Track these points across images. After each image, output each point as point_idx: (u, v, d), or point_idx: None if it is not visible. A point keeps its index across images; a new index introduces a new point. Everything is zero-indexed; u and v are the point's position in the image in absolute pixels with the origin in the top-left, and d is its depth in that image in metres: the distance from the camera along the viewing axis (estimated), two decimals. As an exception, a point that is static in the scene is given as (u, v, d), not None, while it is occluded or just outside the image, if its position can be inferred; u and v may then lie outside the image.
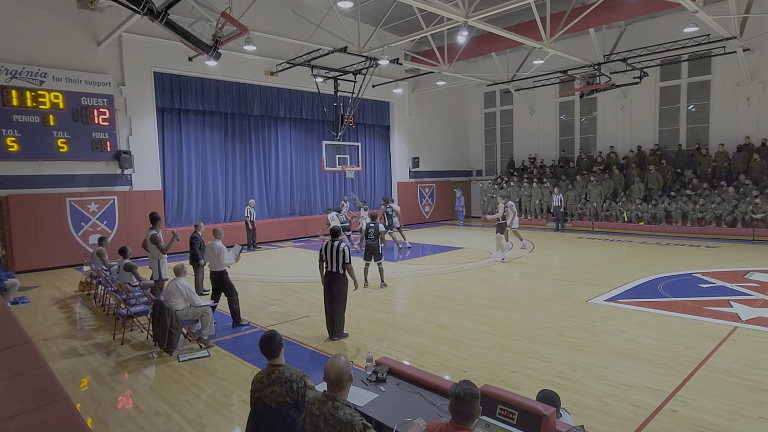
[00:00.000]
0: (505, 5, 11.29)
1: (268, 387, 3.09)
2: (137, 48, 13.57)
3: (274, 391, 3.06)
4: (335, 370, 2.69)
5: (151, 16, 8.27)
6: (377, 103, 20.17)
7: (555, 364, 5.42)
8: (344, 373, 2.70)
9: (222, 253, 7.22)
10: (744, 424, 4.02)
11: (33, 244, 12.14)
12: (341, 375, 2.69)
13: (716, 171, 16.36)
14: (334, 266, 6.41)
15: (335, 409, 2.63)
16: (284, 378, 3.07)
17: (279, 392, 3.04)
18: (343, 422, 2.57)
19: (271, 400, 3.06)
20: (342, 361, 2.73)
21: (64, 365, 5.85)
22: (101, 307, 8.54)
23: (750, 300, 7.80)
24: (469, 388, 2.40)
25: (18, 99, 11.65)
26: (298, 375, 3.11)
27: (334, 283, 6.45)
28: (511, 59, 20.29)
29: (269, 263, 13.05)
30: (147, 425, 4.31)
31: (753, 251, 12.43)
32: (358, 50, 14.69)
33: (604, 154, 19.48)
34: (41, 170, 12.26)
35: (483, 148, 24.46)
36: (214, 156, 16.08)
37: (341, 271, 6.43)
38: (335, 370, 2.69)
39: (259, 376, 3.19)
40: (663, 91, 18.18)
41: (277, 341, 3.18)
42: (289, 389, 3.03)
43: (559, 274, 10.51)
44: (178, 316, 6.12)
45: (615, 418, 4.17)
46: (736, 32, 14.02)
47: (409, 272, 11.31)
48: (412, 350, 6.04)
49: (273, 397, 3.06)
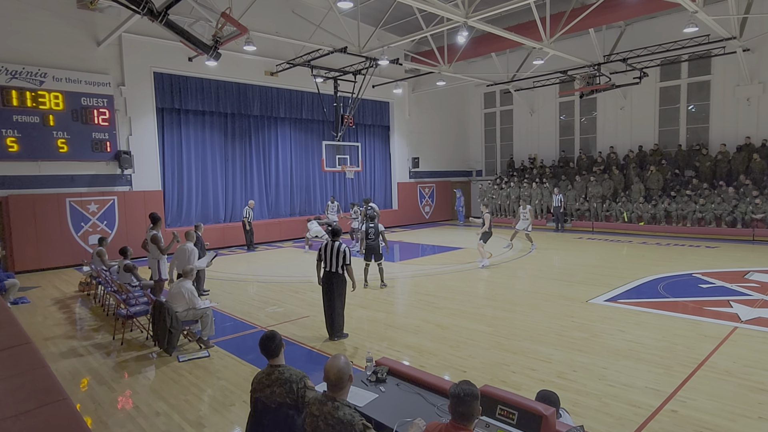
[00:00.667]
0: (505, 5, 11.29)
1: (268, 387, 3.09)
2: (137, 48, 13.57)
3: (273, 392, 3.06)
4: (335, 371, 2.69)
5: (151, 16, 8.26)
6: (377, 104, 20.17)
7: (555, 364, 5.42)
8: (344, 374, 2.70)
9: (193, 256, 7.24)
10: (744, 424, 4.02)
11: (33, 244, 12.14)
12: (341, 375, 2.68)
13: (716, 171, 16.36)
14: (333, 266, 6.41)
15: (335, 409, 2.63)
16: (284, 378, 3.07)
17: (279, 393, 3.04)
18: (343, 422, 2.57)
19: (271, 400, 3.06)
20: (342, 362, 2.73)
21: (64, 365, 5.85)
22: (101, 308, 8.53)
23: (750, 300, 7.80)
24: (468, 389, 2.40)
25: (18, 99, 11.65)
26: (298, 375, 3.10)
27: (333, 283, 6.45)
28: (511, 59, 20.29)
29: (269, 263, 13.05)
30: (147, 425, 4.31)
31: (753, 251, 12.43)
32: (358, 50, 14.69)
33: (604, 154, 19.49)
34: (41, 170, 12.26)
35: (483, 149, 24.46)
36: (214, 156, 16.08)
37: (341, 271, 6.44)
38: (335, 371, 2.69)
39: (259, 377, 3.19)
40: (663, 92, 18.18)
41: (277, 341, 3.18)
42: (289, 390, 3.03)
43: (559, 274, 10.52)
44: (178, 316, 6.12)
45: (615, 418, 4.17)
46: (735, 32, 14.03)
47: (409, 272, 11.31)
48: (412, 350, 6.04)
49: (273, 397, 3.06)
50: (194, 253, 7.30)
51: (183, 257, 7.29)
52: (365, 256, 9.71)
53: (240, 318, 7.77)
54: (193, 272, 6.79)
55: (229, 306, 8.51)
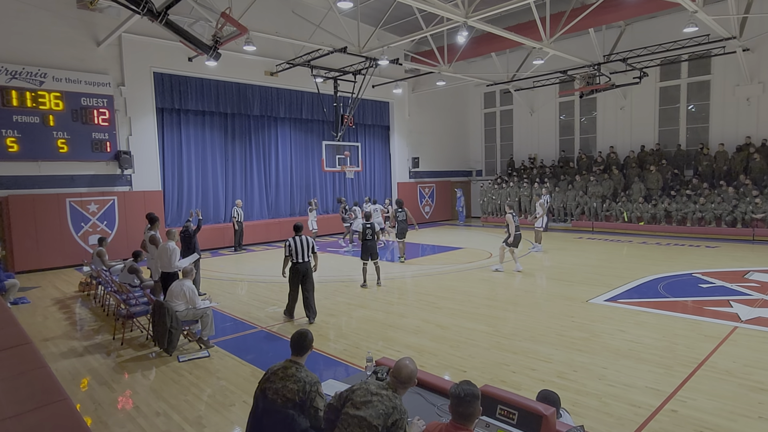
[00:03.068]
0: (505, 5, 11.29)
1: (281, 380, 3.08)
2: (137, 48, 13.57)
3: (285, 386, 3.05)
4: (408, 371, 2.82)
5: (151, 16, 8.27)
6: (377, 104, 20.17)
7: (555, 364, 5.42)
8: (414, 375, 2.84)
9: (174, 255, 7.15)
10: (744, 424, 4.02)
11: (33, 244, 12.14)
12: (412, 376, 2.84)
13: (716, 171, 16.36)
14: (305, 256, 7.30)
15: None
16: (300, 377, 3.08)
17: (290, 389, 3.03)
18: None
19: (280, 395, 3.05)
20: (413, 366, 2.88)
21: (64, 365, 5.85)
22: (101, 308, 8.53)
23: (750, 300, 7.80)
24: (469, 389, 2.40)
25: (18, 99, 11.65)
26: (313, 379, 3.13)
27: (307, 271, 7.36)
28: (510, 59, 20.29)
29: (269, 263, 13.04)
30: (147, 425, 4.31)
31: (753, 251, 12.43)
32: (358, 50, 14.69)
33: (604, 154, 19.49)
34: (41, 170, 12.26)
35: (483, 148, 24.47)
36: (214, 156, 16.08)
37: (308, 258, 7.34)
38: (408, 371, 2.82)
39: (273, 368, 3.20)
40: (663, 91, 18.19)
41: (308, 340, 3.26)
42: (301, 389, 3.03)
43: (559, 274, 10.52)
44: (178, 316, 6.12)
45: (615, 418, 4.17)
46: (735, 32, 14.03)
47: (409, 272, 11.30)
48: (412, 350, 6.04)
49: (283, 392, 3.04)
50: (176, 252, 7.22)
51: (164, 256, 7.20)
52: (362, 255, 9.69)
53: (240, 318, 7.78)
54: (193, 272, 6.80)
55: (229, 306, 8.51)
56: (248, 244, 15.94)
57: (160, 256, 7.36)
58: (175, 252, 7.20)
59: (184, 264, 7.17)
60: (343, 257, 13.64)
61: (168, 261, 7.14)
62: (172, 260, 7.11)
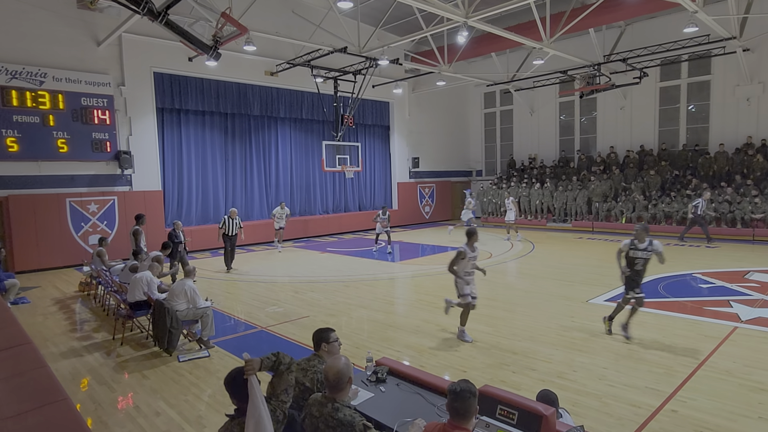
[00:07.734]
0: (505, 5, 11.29)
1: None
2: (137, 48, 13.56)
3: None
4: (334, 372, 2.68)
5: (151, 16, 8.26)
6: (377, 103, 20.16)
7: (555, 364, 5.42)
8: (344, 375, 2.68)
9: (151, 286, 6.82)
10: (744, 424, 4.02)
11: (33, 244, 12.14)
12: (341, 377, 2.68)
13: (716, 171, 16.35)
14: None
15: (335, 410, 2.62)
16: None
17: None
18: (344, 423, 2.57)
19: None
20: (342, 363, 2.72)
21: (64, 365, 5.85)
22: (101, 307, 8.54)
23: (750, 300, 7.80)
24: (465, 385, 2.40)
25: (18, 99, 11.64)
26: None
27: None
28: (511, 59, 20.28)
29: (269, 263, 13.05)
30: (147, 425, 4.31)
31: (753, 251, 12.43)
32: (358, 50, 14.69)
33: (604, 154, 19.49)
34: (41, 170, 12.26)
35: (483, 148, 24.46)
36: (214, 156, 16.07)
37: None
38: (334, 372, 2.68)
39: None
40: (663, 91, 18.18)
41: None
42: None
43: (559, 274, 10.51)
44: (179, 316, 6.12)
45: (615, 418, 4.17)
46: (735, 32, 14.02)
47: (409, 272, 11.30)
48: (412, 350, 6.04)
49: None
50: (153, 284, 6.78)
51: (136, 288, 6.77)
52: None
53: (240, 318, 7.78)
54: (194, 271, 6.79)
55: (229, 306, 8.51)
56: (248, 244, 15.92)
57: (134, 287, 6.85)
58: (152, 283, 6.80)
59: (161, 296, 6.84)
60: (343, 257, 13.63)
61: (140, 294, 6.77)
62: (151, 290, 6.74)
